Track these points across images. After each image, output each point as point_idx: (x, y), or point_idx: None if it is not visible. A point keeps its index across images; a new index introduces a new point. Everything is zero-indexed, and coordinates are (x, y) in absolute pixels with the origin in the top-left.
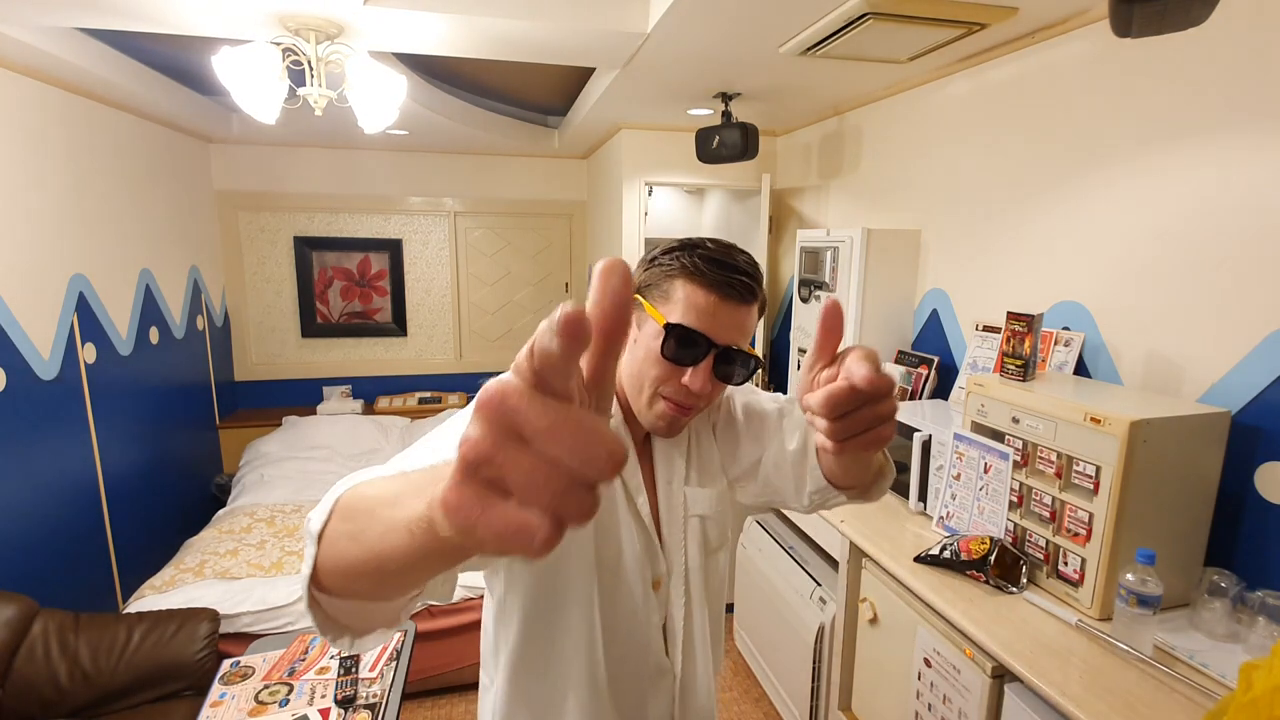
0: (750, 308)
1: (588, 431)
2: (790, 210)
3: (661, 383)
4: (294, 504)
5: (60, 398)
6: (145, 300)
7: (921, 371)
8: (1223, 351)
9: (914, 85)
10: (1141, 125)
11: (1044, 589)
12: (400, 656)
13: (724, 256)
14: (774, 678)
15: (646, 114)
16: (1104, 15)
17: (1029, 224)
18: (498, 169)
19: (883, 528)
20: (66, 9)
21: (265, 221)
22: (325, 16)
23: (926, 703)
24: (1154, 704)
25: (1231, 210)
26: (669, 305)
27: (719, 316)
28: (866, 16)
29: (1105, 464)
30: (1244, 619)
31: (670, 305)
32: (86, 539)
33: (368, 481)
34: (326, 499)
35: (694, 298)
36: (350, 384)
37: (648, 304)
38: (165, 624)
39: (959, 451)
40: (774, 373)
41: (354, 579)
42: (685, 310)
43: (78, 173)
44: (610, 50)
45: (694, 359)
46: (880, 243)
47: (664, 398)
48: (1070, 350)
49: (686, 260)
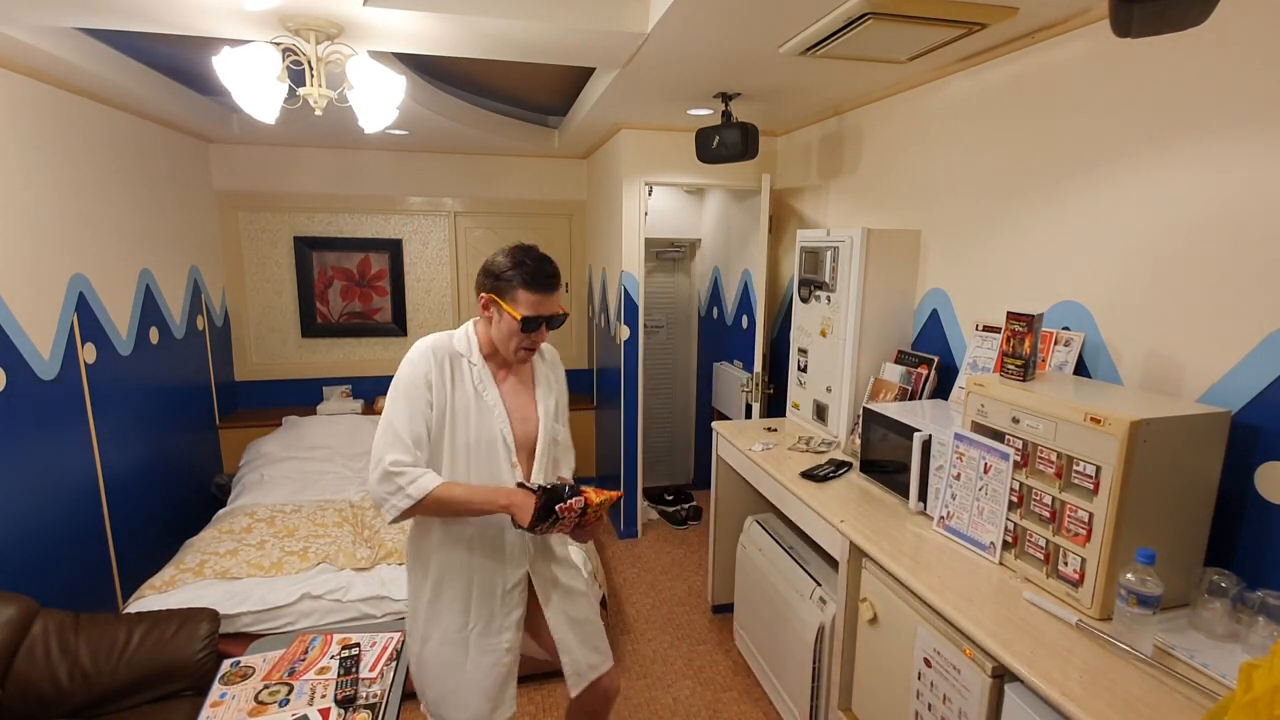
0: (559, 291)
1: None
2: (790, 210)
3: (520, 342)
4: (294, 504)
5: (60, 398)
6: (145, 300)
7: (921, 371)
8: (1223, 351)
9: (914, 85)
10: (1141, 125)
11: (1044, 589)
12: (400, 657)
13: (540, 269)
14: (774, 677)
15: (646, 114)
16: (1104, 15)
17: (1029, 224)
18: (498, 169)
19: (883, 528)
20: (66, 9)
21: (265, 221)
22: (325, 16)
23: (926, 702)
24: (1154, 704)
25: (1231, 210)
26: (517, 304)
27: (545, 304)
28: (866, 16)
29: (1105, 464)
30: (1244, 619)
31: (518, 304)
32: (86, 539)
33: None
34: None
35: (530, 299)
36: (350, 384)
37: (503, 303)
38: (165, 624)
39: (959, 451)
40: (774, 372)
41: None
42: (528, 307)
43: (77, 173)
44: (610, 50)
45: (536, 328)
46: (880, 243)
47: (522, 348)
48: (1070, 350)
49: (521, 276)
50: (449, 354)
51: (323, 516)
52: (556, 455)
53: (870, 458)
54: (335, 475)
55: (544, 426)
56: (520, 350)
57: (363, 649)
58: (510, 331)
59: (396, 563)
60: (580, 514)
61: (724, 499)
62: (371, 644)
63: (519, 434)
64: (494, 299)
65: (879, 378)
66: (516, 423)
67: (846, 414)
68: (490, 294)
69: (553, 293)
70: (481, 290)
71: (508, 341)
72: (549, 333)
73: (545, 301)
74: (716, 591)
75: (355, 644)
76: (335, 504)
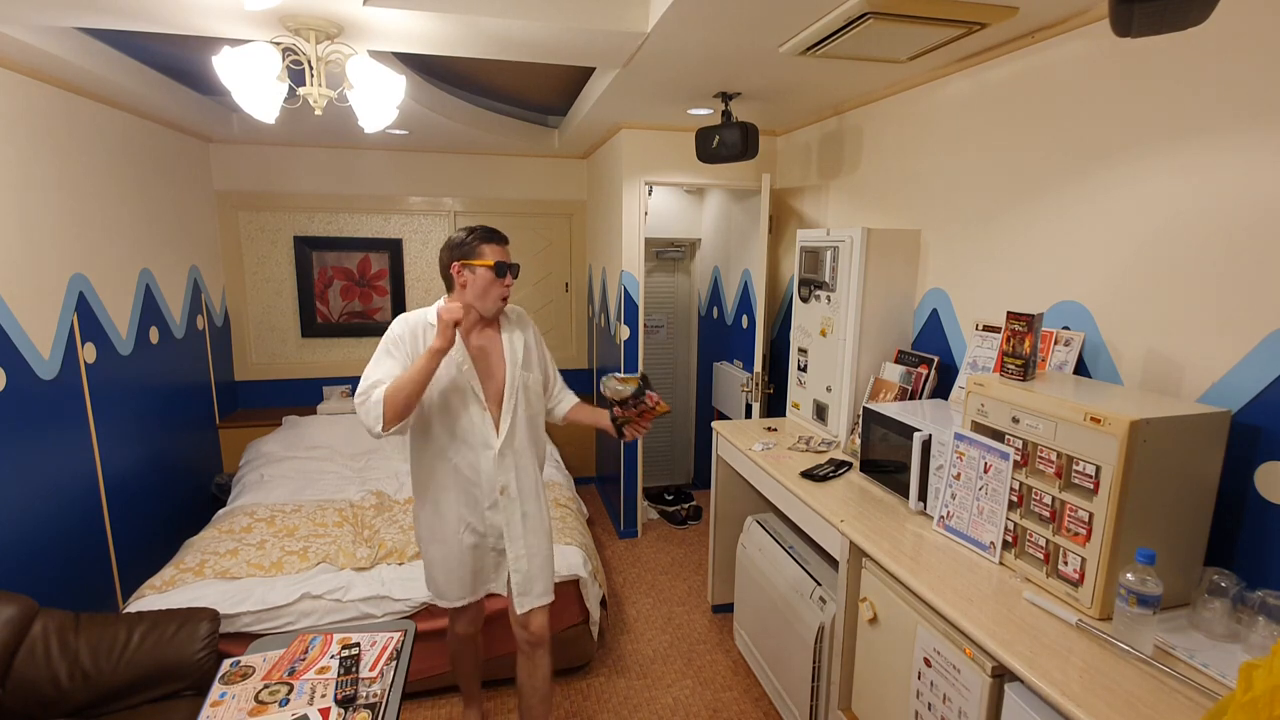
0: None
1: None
2: (790, 210)
3: (498, 290)
4: (294, 503)
5: (60, 398)
6: (145, 300)
7: (921, 371)
8: (1223, 351)
9: (914, 85)
10: (1141, 125)
11: (1044, 588)
12: (400, 656)
13: (491, 229)
14: (774, 677)
15: (646, 113)
16: (1104, 15)
17: (1029, 223)
18: (498, 169)
19: (883, 527)
20: (66, 9)
21: (265, 221)
22: (325, 16)
23: (926, 702)
24: (1154, 704)
25: (1232, 210)
26: (484, 257)
27: (504, 254)
28: (866, 16)
29: (1105, 464)
30: (1244, 619)
31: (485, 256)
32: (86, 539)
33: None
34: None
35: (493, 250)
36: (350, 384)
37: (473, 261)
38: (165, 624)
39: (959, 451)
40: (774, 372)
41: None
42: (494, 255)
43: (78, 173)
44: (610, 50)
45: (505, 273)
46: (880, 242)
47: (501, 296)
48: (1070, 350)
49: (480, 236)
50: (422, 324)
51: (323, 516)
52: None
53: (870, 457)
54: (335, 475)
55: (510, 375)
56: (499, 299)
57: (363, 649)
58: (487, 282)
59: (396, 563)
60: (653, 408)
61: (724, 499)
62: (371, 644)
63: (487, 387)
64: (464, 263)
65: (879, 377)
66: (484, 377)
67: (846, 414)
68: (460, 260)
69: (506, 245)
70: (449, 264)
71: (486, 293)
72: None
73: (504, 251)
74: (716, 591)
75: (355, 644)
76: (335, 504)
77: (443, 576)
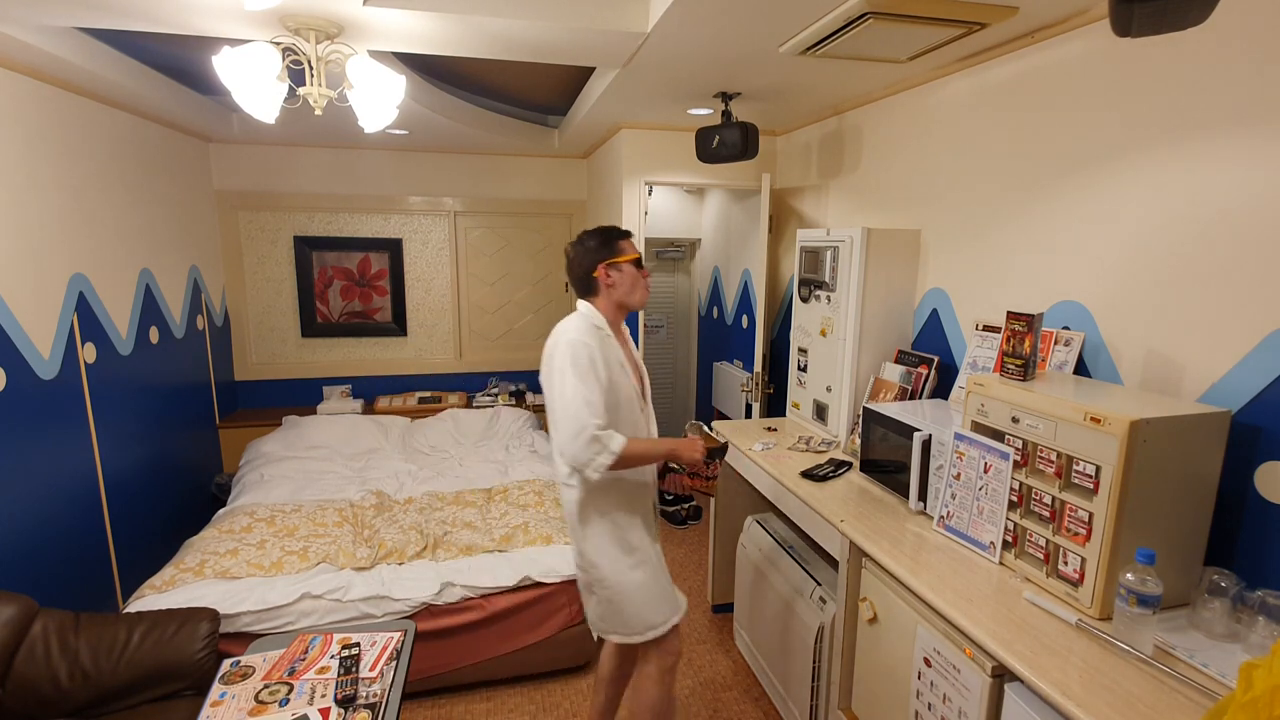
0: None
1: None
2: (790, 210)
3: (642, 284)
4: (294, 503)
5: (60, 398)
6: (145, 300)
7: (921, 371)
8: (1223, 351)
9: (914, 85)
10: (1141, 125)
11: (1044, 588)
12: (400, 656)
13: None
14: (774, 677)
15: (646, 113)
16: (1104, 15)
17: (1029, 223)
18: (498, 169)
19: (883, 528)
20: (66, 9)
21: (265, 221)
22: (325, 16)
23: (926, 702)
24: (1154, 703)
25: (1231, 209)
26: (626, 254)
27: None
28: (866, 16)
29: (1105, 464)
30: (1244, 619)
31: (626, 253)
32: (86, 539)
33: (631, 441)
34: (613, 447)
35: (629, 245)
36: (350, 384)
37: (618, 259)
38: (165, 624)
39: (959, 451)
40: (774, 372)
41: (628, 464)
42: (630, 251)
43: (77, 172)
44: (610, 50)
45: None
46: (880, 242)
47: (647, 286)
48: (1070, 350)
49: (614, 235)
50: (597, 335)
51: (323, 516)
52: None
53: (870, 457)
54: (335, 475)
55: (646, 377)
56: (646, 290)
57: (363, 649)
58: (634, 277)
59: (395, 563)
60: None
61: (724, 499)
62: (371, 643)
63: (641, 387)
64: (610, 262)
65: (879, 377)
66: (638, 378)
67: (846, 414)
68: (604, 263)
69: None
70: (592, 270)
71: (635, 287)
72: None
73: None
74: (716, 591)
75: (355, 643)
76: (335, 503)
77: (659, 591)
